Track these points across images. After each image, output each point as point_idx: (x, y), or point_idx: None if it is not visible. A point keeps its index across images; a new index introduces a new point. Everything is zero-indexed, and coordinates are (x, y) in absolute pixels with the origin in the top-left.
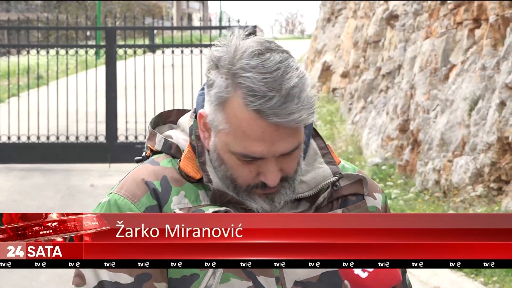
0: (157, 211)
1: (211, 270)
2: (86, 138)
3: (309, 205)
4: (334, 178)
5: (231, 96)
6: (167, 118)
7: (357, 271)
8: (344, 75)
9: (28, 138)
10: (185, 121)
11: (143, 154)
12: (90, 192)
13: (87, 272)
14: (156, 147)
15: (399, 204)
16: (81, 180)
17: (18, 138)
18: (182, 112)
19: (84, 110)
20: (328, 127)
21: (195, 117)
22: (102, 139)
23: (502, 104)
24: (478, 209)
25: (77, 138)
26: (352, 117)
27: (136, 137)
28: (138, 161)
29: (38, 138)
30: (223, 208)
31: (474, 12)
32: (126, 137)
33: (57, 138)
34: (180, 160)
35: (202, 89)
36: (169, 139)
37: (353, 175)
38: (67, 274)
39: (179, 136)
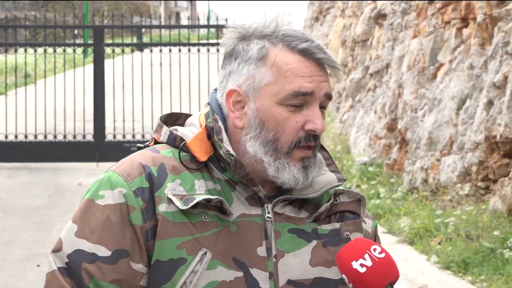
0: (147, 193)
1: (199, 256)
2: (74, 136)
3: (308, 214)
4: (340, 183)
5: (273, 48)
6: (176, 120)
7: (356, 265)
8: None
9: (16, 136)
10: (194, 117)
11: (147, 143)
12: (78, 190)
13: (66, 238)
14: (161, 139)
15: (387, 203)
16: (69, 179)
17: (6, 136)
18: (190, 116)
19: (71, 109)
20: None
21: (210, 107)
22: (90, 137)
23: (490, 103)
24: (466, 208)
25: (64, 136)
26: (340, 116)
27: (124, 136)
28: (139, 149)
29: (26, 136)
30: (214, 197)
31: (462, 11)
32: (114, 136)
33: (45, 136)
34: (188, 140)
35: (216, 89)
36: (174, 132)
37: (354, 193)
38: None
39: (186, 129)
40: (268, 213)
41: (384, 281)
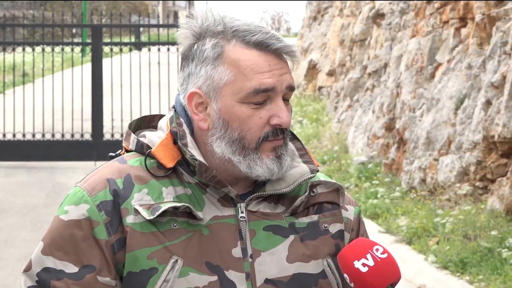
0: (111, 207)
1: (170, 264)
2: (72, 135)
3: (285, 208)
4: (312, 175)
5: (227, 45)
6: (150, 122)
7: (358, 265)
8: (330, 73)
9: (14, 135)
10: (163, 121)
11: (118, 152)
12: None
13: (34, 257)
14: (130, 147)
15: (385, 202)
16: (67, 178)
17: (4, 135)
18: (162, 116)
19: (70, 108)
20: (314, 125)
21: (175, 111)
22: (88, 136)
23: (488, 103)
24: (464, 208)
25: (62, 135)
26: (338, 115)
27: (122, 135)
28: (111, 158)
29: (24, 135)
30: (180, 204)
31: (460, 11)
32: (112, 135)
33: (43, 135)
34: (153, 147)
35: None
36: (141, 139)
37: (331, 183)
38: None
39: (153, 134)
40: (242, 212)
41: (385, 281)
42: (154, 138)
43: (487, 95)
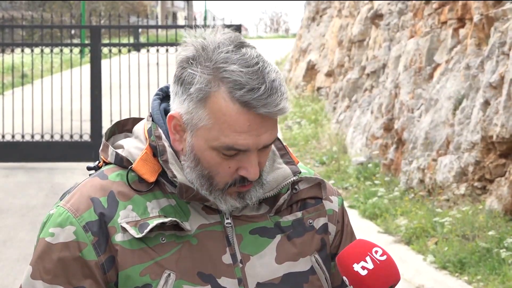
0: (97, 227)
1: (163, 279)
2: (71, 136)
3: (269, 208)
4: (295, 178)
5: (215, 91)
6: (123, 127)
7: (357, 268)
8: (329, 74)
9: (13, 136)
10: (140, 127)
11: (96, 163)
12: None
13: (24, 282)
14: (109, 159)
15: (384, 203)
16: (65, 178)
17: (3, 136)
18: (138, 120)
19: (68, 109)
20: (313, 126)
21: (152, 120)
22: (86, 137)
23: (486, 103)
24: (462, 208)
25: (61, 136)
26: (337, 116)
27: None
28: (89, 169)
29: (23, 136)
30: (168, 219)
31: (458, 12)
32: None
33: (42, 136)
34: (134, 163)
35: (157, 94)
36: (120, 152)
37: (312, 179)
38: None
39: (131, 144)
40: (227, 219)
41: (385, 284)
42: (133, 150)
43: (486, 95)
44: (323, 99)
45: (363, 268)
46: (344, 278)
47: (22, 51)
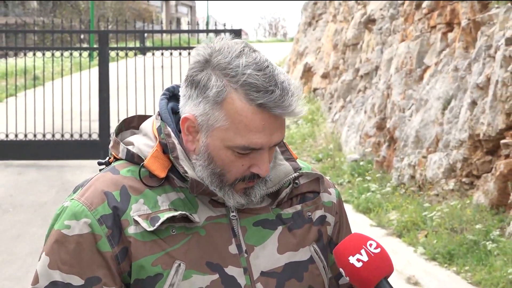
0: (111, 220)
1: (174, 269)
2: (80, 135)
3: (271, 201)
4: (296, 174)
5: (231, 93)
6: (129, 124)
7: (352, 260)
8: (325, 76)
9: (25, 135)
10: (148, 125)
11: (107, 159)
12: None
13: (41, 271)
14: (120, 155)
15: (377, 198)
16: (75, 176)
17: (16, 135)
18: (143, 117)
19: (78, 109)
20: (309, 125)
21: (161, 119)
22: (95, 136)
23: (474, 103)
24: (451, 203)
25: (71, 135)
26: (332, 115)
27: None
28: (100, 164)
29: (35, 136)
30: (178, 213)
31: (447, 17)
32: None
33: (53, 135)
34: (145, 160)
35: (164, 94)
36: (131, 149)
37: (312, 174)
38: None
39: (140, 141)
40: (232, 212)
41: (379, 275)
42: (142, 147)
43: (473, 96)
44: (319, 99)
45: (358, 260)
46: (341, 269)
47: (34, 54)
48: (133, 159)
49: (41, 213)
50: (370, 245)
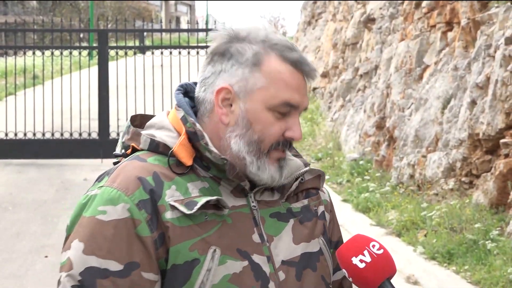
0: (150, 205)
1: (210, 254)
2: (80, 134)
3: (280, 195)
4: (307, 168)
5: (267, 56)
6: (133, 122)
7: (355, 261)
8: (324, 75)
9: (25, 134)
10: (162, 119)
11: (123, 151)
12: (83, 185)
13: (75, 257)
14: (141, 146)
15: (376, 197)
16: (75, 175)
17: (15, 134)
18: (146, 116)
19: (77, 108)
20: (309, 124)
21: (184, 111)
22: (94, 135)
23: (473, 102)
24: (450, 202)
25: (71, 134)
26: (332, 114)
27: None
28: (117, 156)
29: (34, 134)
30: (214, 198)
31: (446, 16)
32: (118, 134)
33: (52, 134)
34: (175, 147)
35: (178, 89)
36: (155, 138)
37: (315, 170)
38: None
39: (161, 133)
40: (253, 202)
41: (382, 276)
42: (165, 137)
43: (472, 95)
44: (319, 99)
45: (361, 261)
46: (344, 270)
47: (34, 53)
48: (158, 148)
49: (41, 211)
50: (373, 246)
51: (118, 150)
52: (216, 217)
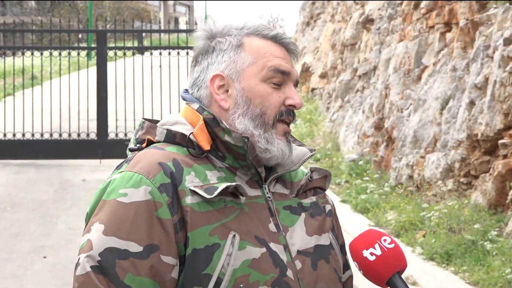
0: (170, 188)
1: (229, 239)
2: (78, 135)
3: (290, 191)
4: (312, 153)
5: (247, 38)
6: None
7: (366, 254)
8: (323, 75)
9: (23, 135)
10: (174, 116)
11: (137, 145)
12: (82, 186)
13: (95, 238)
14: (157, 138)
15: (375, 198)
16: (73, 175)
17: (14, 135)
18: (154, 120)
19: (76, 109)
20: (308, 125)
21: (199, 103)
22: (93, 136)
23: (472, 103)
24: (449, 203)
25: (69, 135)
26: (330, 115)
27: (125, 134)
28: (132, 150)
29: (33, 135)
30: (234, 184)
31: (445, 17)
32: (116, 134)
33: (51, 135)
34: (194, 129)
35: (186, 90)
36: (171, 129)
37: (323, 170)
38: (60, 263)
39: (176, 127)
40: (267, 193)
41: (391, 269)
42: (181, 130)
43: (471, 96)
44: (317, 99)
45: (372, 254)
46: (355, 263)
47: (32, 54)
48: (174, 139)
49: (40, 211)
50: (384, 240)
51: (132, 145)
52: (234, 204)
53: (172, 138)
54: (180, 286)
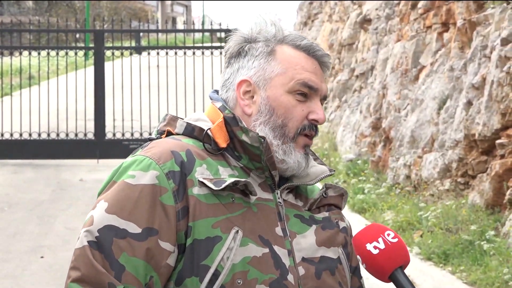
0: (179, 177)
1: (232, 234)
2: (76, 135)
3: (303, 204)
4: (332, 173)
5: (279, 46)
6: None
7: (369, 247)
8: None
9: (21, 135)
10: (197, 114)
11: (157, 135)
12: (80, 186)
13: (97, 215)
14: (176, 131)
15: (372, 198)
16: (71, 175)
17: (11, 135)
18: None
19: (73, 109)
20: None
21: (223, 101)
22: (90, 136)
23: (469, 103)
24: (446, 203)
25: (67, 135)
26: (328, 115)
27: (123, 134)
28: (150, 140)
29: (30, 135)
30: (243, 180)
31: (442, 17)
32: (114, 134)
33: (48, 135)
34: (213, 125)
35: (215, 91)
36: (191, 123)
37: (339, 188)
38: (58, 263)
39: (197, 123)
40: (279, 198)
41: (394, 264)
42: (201, 125)
43: (468, 96)
44: None
45: (375, 247)
46: (358, 256)
47: (30, 54)
48: (193, 132)
49: (37, 211)
50: (388, 234)
51: (153, 136)
52: (243, 202)
53: (191, 131)
54: (178, 274)
